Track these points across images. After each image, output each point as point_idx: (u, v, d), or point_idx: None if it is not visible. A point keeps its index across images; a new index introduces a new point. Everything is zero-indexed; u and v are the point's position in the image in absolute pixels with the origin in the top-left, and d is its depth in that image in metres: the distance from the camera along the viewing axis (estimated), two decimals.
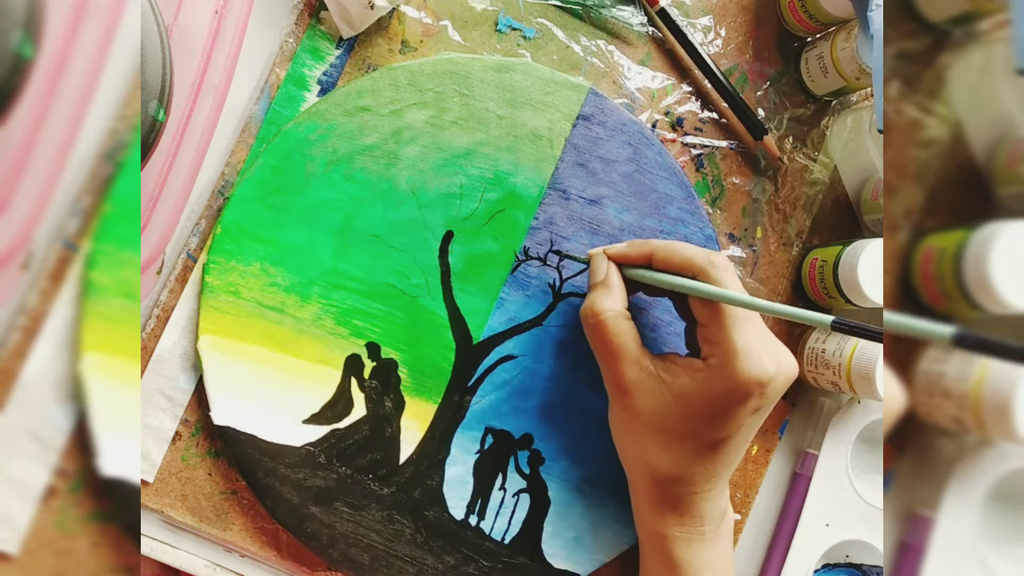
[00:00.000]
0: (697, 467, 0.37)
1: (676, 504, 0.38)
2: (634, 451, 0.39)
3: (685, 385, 0.37)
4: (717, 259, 0.37)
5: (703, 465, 0.37)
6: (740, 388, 0.35)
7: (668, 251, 0.38)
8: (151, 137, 0.38)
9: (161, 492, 0.43)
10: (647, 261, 0.39)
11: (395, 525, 0.43)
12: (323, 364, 0.43)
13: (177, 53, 0.39)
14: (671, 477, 0.38)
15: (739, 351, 0.35)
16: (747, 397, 0.36)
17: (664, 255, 0.39)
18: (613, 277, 0.40)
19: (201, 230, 0.43)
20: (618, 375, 0.39)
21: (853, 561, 0.48)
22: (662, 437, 0.38)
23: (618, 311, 0.39)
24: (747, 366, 0.35)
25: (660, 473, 0.38)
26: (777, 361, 0.36)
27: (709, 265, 0.37)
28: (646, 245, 0.39)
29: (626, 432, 0.40)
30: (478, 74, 0.44)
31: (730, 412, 0.36)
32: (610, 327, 0.38)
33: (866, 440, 0.48)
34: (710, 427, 0.37)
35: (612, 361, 0.39)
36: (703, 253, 0.38)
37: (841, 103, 0.49)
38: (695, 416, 0.37)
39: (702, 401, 0.36)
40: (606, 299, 0.39)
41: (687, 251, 0.38)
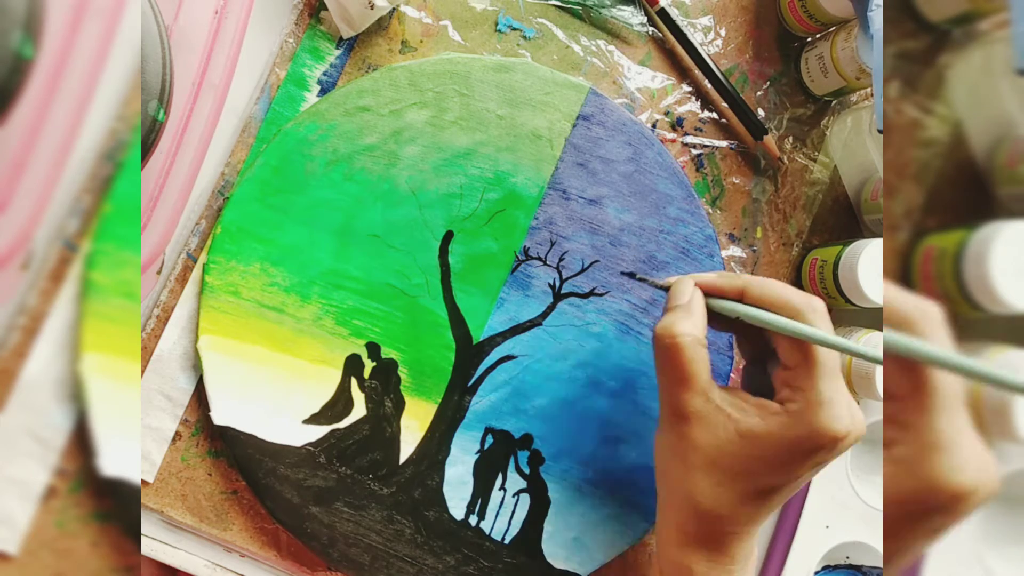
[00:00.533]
0: (742, 509, 0.36)
1: (710, 541, 0.37)
2: (679, 481, 0.37)
3: (755, 425, 0.35)
4: (818, 304, 0.35)
5: (748, 508, 0.36)
6: (816, 439, 0.34)
7: (764, 288, 0.37)
8: (151, 137, 0.38)
9: (161, 492, 0.43)
10: (738, 295, 0.38)
11: (395, 525, 0.43)
12: (323, 364, 0.43)
13: (177, 53, 0.39)
14: (713, 514, 0.36)
15: (825, 401, 0.34)
16: (819, 449, 0.34)
17: (759, 292, 0.37)
18: (697, 303, 0.38)
19: (201, 230, 0.43)
20: (682, 402, 0.36)
21: (853, 562, 0.48)
22: (715, 473, 0.36)
23: (697, 337, 0.37)
24: (828, 418, 0.33)
25: (702, 507, 0.36)
26: (853, 419, 0.34)
27: (810, 309, 0.35)
28: (738, 279, 0.38)
29: (675, 460, 0.37)
30: (478, 74, 0.44)
31: (796, 461, 0.34)
32: (687, 352, 0.36)
33: (866, 441, 0.48)
34: (770, 472, 0.35)
35: (679, 387, 0.36)
36: (803, 295, 0.36)
37: (841, 103, 0.49)
38: (758, 458, 0.35)
39: (770, 445, 0.35)
40: (686, 322, 0.37)
41: (785, 291, 0.36)
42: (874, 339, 0.42)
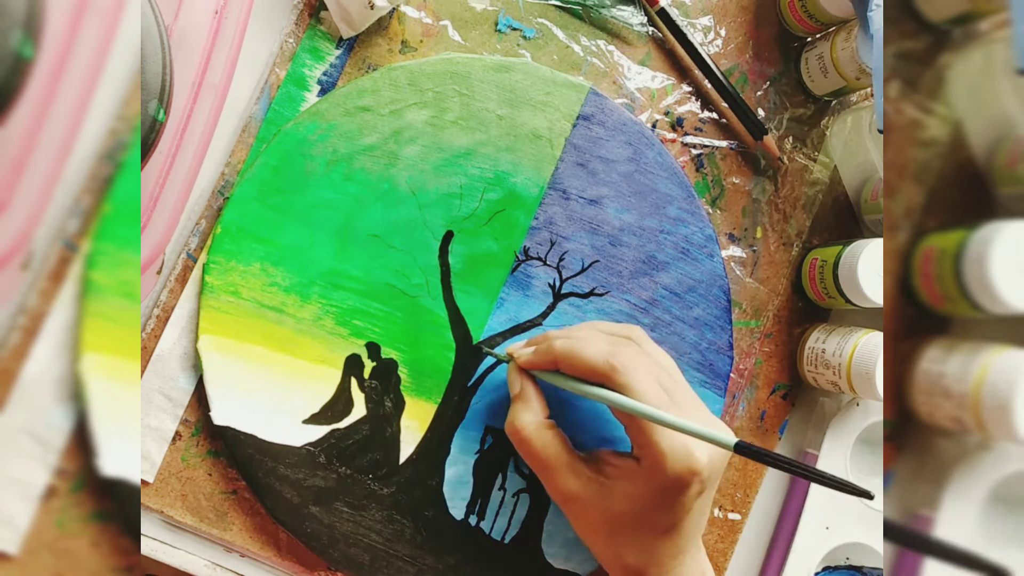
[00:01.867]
0: (661, 550, 0.38)
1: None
2: (602, 550, 0.39)
3: (625, 487, 0.37)
4: (618, 361, 0.36)
5: (665, 548, 0.38)
6: (676, 483, 0.36)
7: (570, 357, 0.38)
8: (151, 137, 0.38)
9: (161, 492, 0.43)
10: (554, 366, 0.39)
11: (395, 525, 0.43)
12: (323, 364, 0.43)
13: (177, 53, 0.39)
14: (640, 565, 0.38)
15: (664, 452, 0.35)
16: (686, 487, 0.36)
17: (567, 362, 0.38)
18: (528, 389, 0.40)
19: (201, 230, 0.43)
20: (557, 487, 0.38)
21: (853, 563, 0.48)
22: (619, 533, 0.38)
23: (540, 423, 0.39)
24: (676, 463, 0.35)
25: (630, 564, 0.38)
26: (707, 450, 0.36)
27: (611, 371, 0.36)
28: (550, 351, 0.39)
29: (589, 536, 0.39)
30: (478, 74, 0.44)
31: (675, 502, 0.36)
32: (535, 442, 0.38)
33: (866, 442, 0.48)
34: (660, 517, 0.37)
35: (548, 474, 0.39)
36: (603, 357, 0.37)
37: (841, 103, 0.49)
38: (643, 511, 0.37)
39: (645, 498, 0.36)
40: (525, 413, 0.39)
41: (588, 358, 0.37)
42: (874, 339, 0.42)
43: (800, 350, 0.48)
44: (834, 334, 0.45)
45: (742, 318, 0.47)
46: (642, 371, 0.37)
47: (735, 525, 0.47)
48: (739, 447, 0.32)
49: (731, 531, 0.47)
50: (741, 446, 0.32)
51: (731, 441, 0.33)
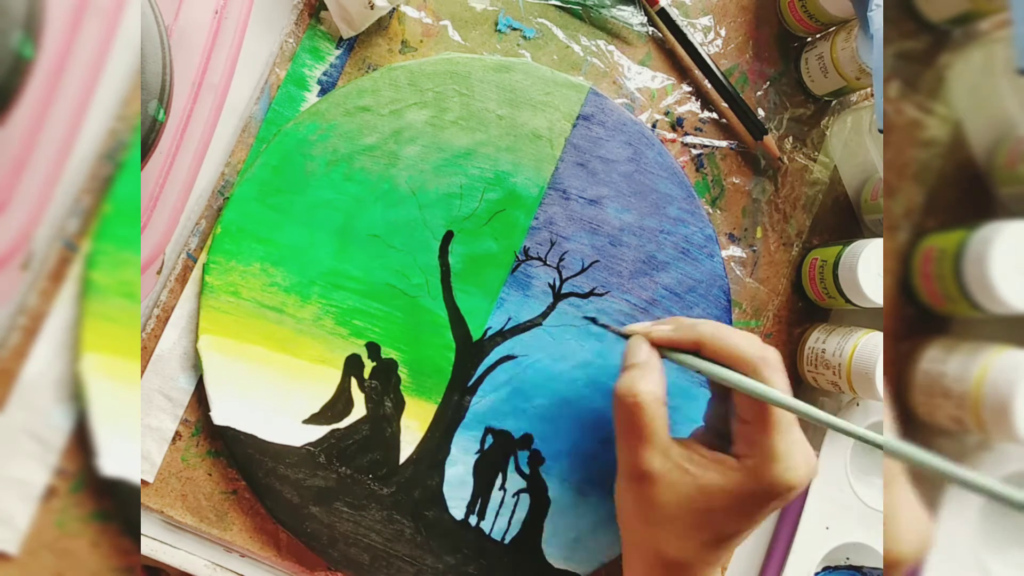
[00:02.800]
0: (707, 555, 0.37)
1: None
2: (642, 535, 0.38)
3: (713, 480, 0.36)
4: (770, 356, 0.36)
5: (713, 554, 0.37)
6: (773, 492, 0.35)
7: (718, 342, 0.37)
8: (151, 137, 0.38)
9: (161, 492, 0.43)
10: (695, 347, 0.38)
11: (395, 525, 0.43)
12: (323, 364, 0.43)
13: (177, 53, 0.39)
14: (678, 563, 0.37)
15: (780, 457, 0.35)
16: (776, 498, 0.35)
17: (713, 345, 0.37)
18: (655, 360, 0.39)
19: (201, 230, 0.43)
20: (642, 460, 0.37)
21: (853, 564, 0.48)
22: (677, 526, 0.37)
23: (657, 395, 0.37)
24: (785, 472, 0.35)
25: (667, 557, 0.37)
26: (808, 466, 0.36)
27: (762, 363, 0.36)
28: (693, 330, 0.38)
29: (637, 517, 0.38)
30: (478, 74, 0.44)
31: (755, 511, 0.36)
32: (648, 410, 0.37)
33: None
34: (729, 522, 0.36)
35: (639, 445, 0.37)
36: (755, 348, 0.36)
37: (841, 103, 0.49)
38: (717, 510, 0.36)
39: (729, 498, 0.36)
40: (647, 381, 0.37)
41: (738, 345, 0.36)
42: (874, 339, 0.42)
43: (800, 350, 0.48)
44: (834, 334, 0.45)
45: (742, 318, 0.47)
46: (785, 375, 0.36)
47: None
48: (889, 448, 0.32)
49: None
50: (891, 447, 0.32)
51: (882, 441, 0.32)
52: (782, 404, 0.35)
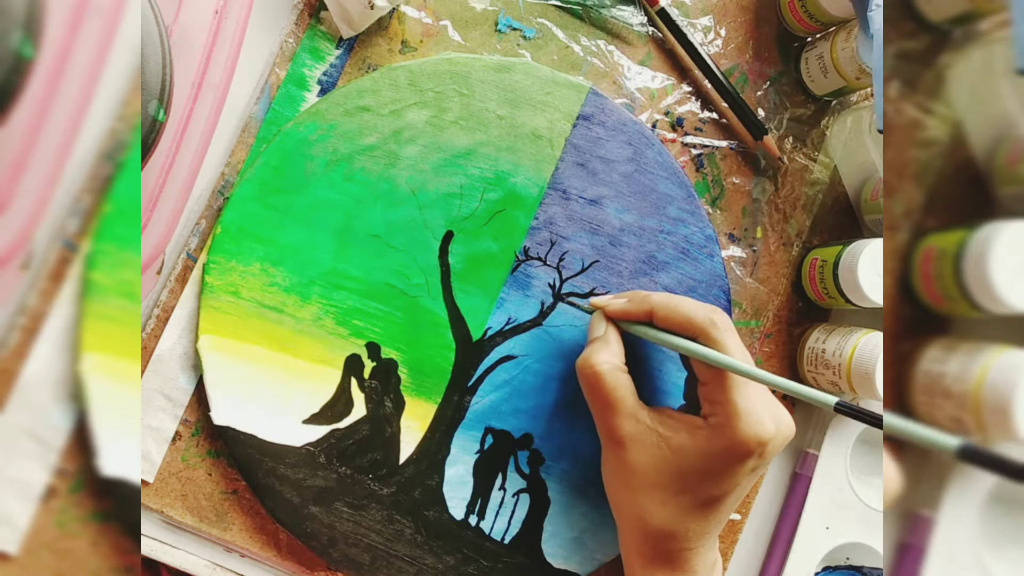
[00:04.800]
0: (691, 523, 0.37)
1: (669, 559, 0.38)
2: (627, 505, 0.39)
3: (683, 441, 0.37)
4: (718, 318, 0.37)
5: (697, 522, 0.37)
6: (740, 447, 0.36)
7: (668, 309, 0.38)
8: (151, 137, 0.38)
9: (161, 492, 0.43)
10: (648, 317, 0.39)
11: (395, 525, 0.43)
12: (323, 364, 0.43)
13: (177, 53, 0.39)
14: (665, 533, 0.38)
15: (740, 412, 0.36)
16: (747, 456, 0.36)
17: (664, 313, 0.38)
18: (612, 333, 0.40)
19: (201, 230, 0.43)
20: (614, 428, 0.38)
21: (853, 563, 0.48)
22: (657, 492, 0.37)
23: (615, 364, 0.39)
24: (748, 426, 0.35)
25: (653, 528, 0.38)
26: (777, 421, 0.36)
27: (710, 325, 0.37)
28: (646, 301, 0.39)
29: (620, 485, 0.39)
30: (478, 74, 0.44)
31: (729, 470, 0.36)
32: (607, 380, 0.38)
33: (865, 442, 0.48)
34: (707, 484, 0.37)
35: (608, 413, 0.39)
36: (704, 312, 0.37)
37: (841, 103, 0.49)
38: (692, 472, 0.37)
39: (701, 458, 0.36)
40: (603, 352, 0.39)
41: (687, 309, 0.38)
42: (874, 339, 0.42)
43: (800, 350, 0.48)
44: (834, 334, 0.45)
45: (742, 318, 0.47)
46: (736, 333, 0.37)
47: (735, 525, 0.47)
48: (839, 406, 0.32)
49: (731, 531, 0.47)
50: (841, 405, 0.32)
51: (831, 401, 0.33)
52: (720, 364, 0.36)
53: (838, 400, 0.33)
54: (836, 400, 0.33)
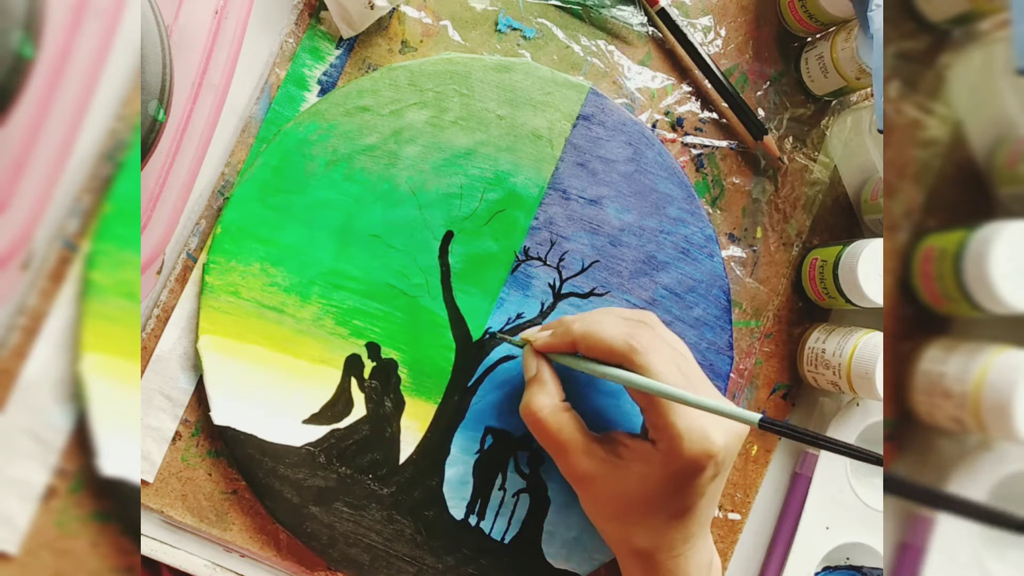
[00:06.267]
0: (672, 533, 0.38)
1: (662, 570, 0.39)
2: (612, 532, 0.40)
3: (640, 469, 0.37)
4: (638, 342, 0.36)
5: (677, 531, 0.38)
6: (692, 466, 0.36)
7: (589, 339, 0.38)
8: (151, 137, 0.38)
9: (161, 492, 0.43)
10: (573, 348, 0.39)
11: (395, 525, 0.43)
12: (323, 364, 0.43)
13: (177, 53, 0.39)
14: (651, 548, 0.38)
15: (682, 433, 0.35)
16: (701, 470, 0.36)
17: (586, 344, 0.38)
18: (544, 372, 0.40)
19: (201, 230, 0.43)
20: (571, 467, 0.39)
21: (853, 563, 0.48)
22: (632, 515, 0.38)
23: (555, 405, 0.39)
24: (692, 444, 0.35)
25: (640, 547, 0.38)
26: (723, 429, 0.36)
27: (631, 352, 0.36)
28: (568, 332, 0.39)
29: (599, 517, 0.40)
30: (478, 74, 0.44)
31: (689, 485, 0.36)
32: (551, 424, 0.38)
33: (866, 442, 0.48)
34: (674, 500, 0.37)
35: (561, 455, 0.39)
36: (622, 338, 0.37)
37: (841, 103, 0.49)
38: (657, 494, 0.37)
39: (660, 481, 0.37)
40: (541, 396, 0.39)
41: (607, 337, 0.37)
42: (874, 339, 0.42)
43: (800, 350, 0.48)
44: (834, 334, 0.45)
45: (742, 318, 0.47)
46: (661, 353, 0.37)
47: (735, 525, 0.47)
48: (763, 423, 0.32)
49: (731, 531, 0.47)
50: (765, 422, 0.32)
51: (755, 418, 0.33)
52: (646, 389, 0.36)
53: (762, 416, 0.33)
54: (760, 416, 0.33)
